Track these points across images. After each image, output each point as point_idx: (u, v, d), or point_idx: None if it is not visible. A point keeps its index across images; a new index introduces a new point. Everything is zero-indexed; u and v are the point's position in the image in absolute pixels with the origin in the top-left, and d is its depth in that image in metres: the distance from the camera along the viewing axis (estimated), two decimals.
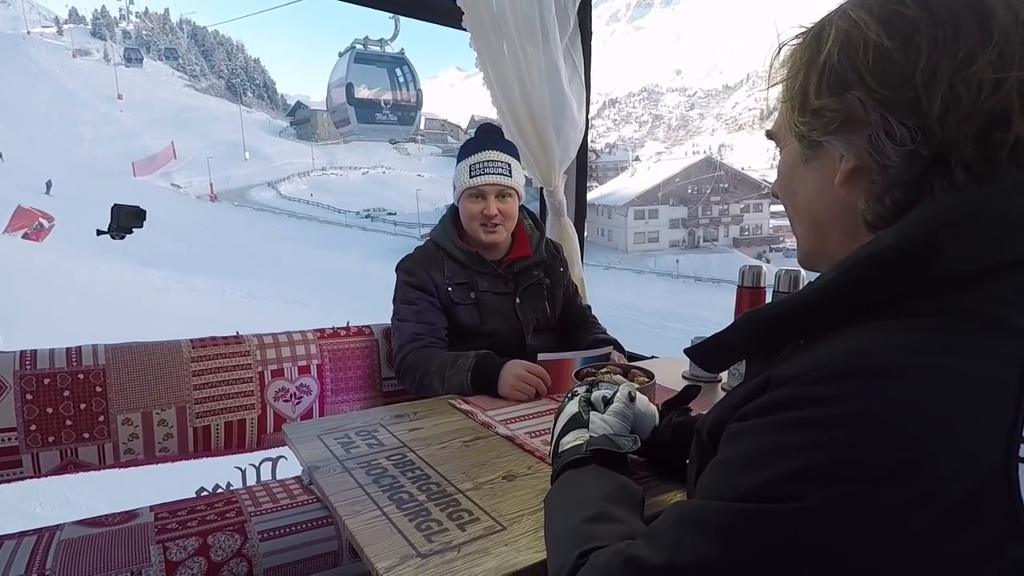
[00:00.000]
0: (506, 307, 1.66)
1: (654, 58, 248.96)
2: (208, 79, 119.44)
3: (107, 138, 64.83)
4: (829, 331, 0.50)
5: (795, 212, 0.62)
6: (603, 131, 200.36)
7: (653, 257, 46.28)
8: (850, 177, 0.53)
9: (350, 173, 72.52)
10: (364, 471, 0.97)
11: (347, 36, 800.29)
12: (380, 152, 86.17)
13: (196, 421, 1.53)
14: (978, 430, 0.40)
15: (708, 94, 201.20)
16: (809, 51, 0.54)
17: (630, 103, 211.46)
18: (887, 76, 0.48)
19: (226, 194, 55.35)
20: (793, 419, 0.44)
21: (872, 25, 0.49)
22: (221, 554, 1.31)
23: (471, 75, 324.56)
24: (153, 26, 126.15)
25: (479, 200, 1.60)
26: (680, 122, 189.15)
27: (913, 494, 0.39)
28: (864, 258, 0.49)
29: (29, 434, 1.37)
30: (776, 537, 0.42)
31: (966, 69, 0.45)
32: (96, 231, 1.60)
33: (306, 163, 72.21)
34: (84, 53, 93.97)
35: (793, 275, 1.31)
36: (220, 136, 74.32)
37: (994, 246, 0.46)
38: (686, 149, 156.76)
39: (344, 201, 56.61)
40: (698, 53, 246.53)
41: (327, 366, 1.70)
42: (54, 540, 1.31)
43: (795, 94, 0.55)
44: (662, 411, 0.94)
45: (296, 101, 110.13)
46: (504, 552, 0.74)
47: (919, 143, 0.47)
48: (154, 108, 79.54)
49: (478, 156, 1.61)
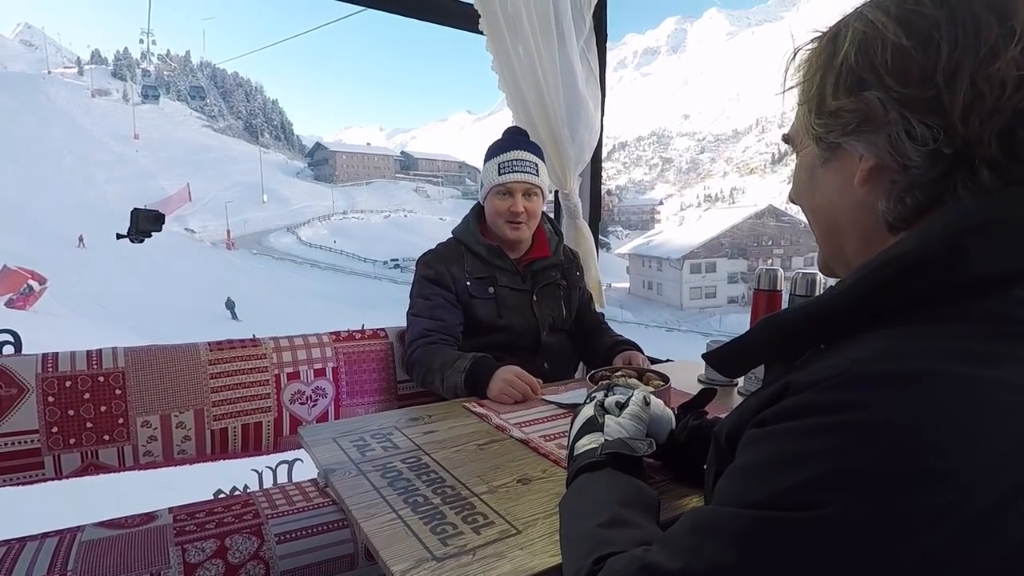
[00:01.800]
0: (523, 303, 1.69)
1: (662, 103, 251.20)
2: (226, 119, 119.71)
3: (121, 179, 64.97)
4: (850, 336, 0.49)
5: (813, 215, 0.62)
6: (613, 174, 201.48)
7: (717, 316, 42.49)
8: (870, 177, 0.52)
9: (372, 217, 71.69)
10: (379, 474, 0.97)
11: (358, 73, 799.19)
12: (400, 195, 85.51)
13: (213, 424, 1.54)
14: (1004, 438, 0.39)
15: (718, 138, 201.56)
16: (825, 53, 0.54)
17: (639, 146, 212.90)
18: (906, 75, 0.47)
19: (244, 240, 54.26)
20: (812, 426, 0.43)
21: (890, 25, 0.48)
22: (238, 556, 1.31)
23: (480, 118, 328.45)
24: (175, 66, 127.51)
25: (507, 197, 1.64)
26: (690, 165, 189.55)
27: (936, 504, 0.38)
28: (887, 262, 0.48)
29: (51, 436, 1.39)
30: (793, 545, 0.41)
31: (989, 66, 0.44)
32: (116, 235, 1.62)
33: (326, 206, 71.00)
34: (103, 93, 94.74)
35: (810, 278, 1.30)
36: (237, 177, 73.33)
37: (1019, 251, 0.45)
38: (697, 192, 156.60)
39: (368, 248, 53.95)
40: (705, 98, 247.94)
41: (342, 369, 1.71)
42: (75, 541, 1.33)
43: (812, 96, 0.55)
44: (678, 415, 0.94)
45: (315, 142, 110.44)
46: (519, 556, 0.74)
47: (941, 142, 0.46)
48: (170, 147, 78.94)
49: (507, 155, 1.64)
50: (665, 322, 39.53)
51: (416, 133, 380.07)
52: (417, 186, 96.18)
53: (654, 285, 46.69)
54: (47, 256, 29.27)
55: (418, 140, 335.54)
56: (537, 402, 1.36)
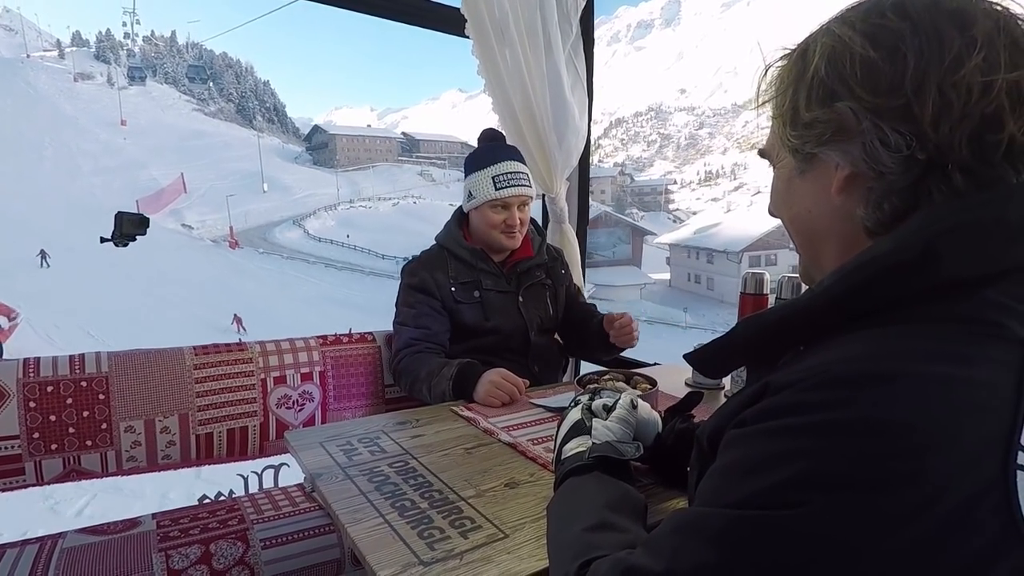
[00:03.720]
0: (510, 305, 1.70)
1: (657, 77, 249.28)
2: (217, 102, 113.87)
3: (109, 169, 59.20)
4: (828, 337, 0.50)
5: (792, 225, 0.63)
6: (610, 151, 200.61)
7: None
8: (846, 185, 0.54)
9: (380, 205, 67.14)
10: (366, 478, 0.97)
11: (350, 51, 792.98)
12: (405, 179, 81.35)
13: (198, 428, 1.53)
14: (976, 438, 0.40)
15: (717, 113, 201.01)
16: (796, 69, 0.55)
17: (637, 122, 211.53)
18: (876, 85, 0.49)
19: (247, 235, 48.06)
20: (791, 425, 0.44)
21: (856, 39, 0.50)
22: (223, 562, 1.30)
23: (472, 96, 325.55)
24: (161, 45, 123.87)
25: (503, 211, 1.66)
26: (689, 141, 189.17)
27: (911, 501, 0.39)
28: (863, 264, 0.49)
29: (32, 442, 1.37)
30: (773, 544, 0.42)
31: (954, 74, 0.46)
32: (100, 238, 1.60)
33: (330, 194, 66.75)
34: (86, 77, 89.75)
35: (796, 282, 1.31)
36: (234, 164, 68.34)
37: (992, 253, 0.46)
38: (697, 168, 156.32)
39: (380, 240, 48.14)
40: (702, 72, 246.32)
41: (329, 373, 1.70)
42: (56, 548, 1.31)
43: (786, 110, 0.57)
44: (665, 418, 0.94)
45: (314, 125, 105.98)
46: (506, 560, 0.74)
47: (914, 148, 0.48)
48: (160, 134, 73.72)
49: (500, 167, 1.65)
50: (727, 324, 36.42)
51: (408, 112, 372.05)
52: (422, 169, 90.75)
53: (703, 279, 40.41)
54: (23, 270, 26.36)
55: (410, 120, 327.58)
56: (525, 406, 1.36)
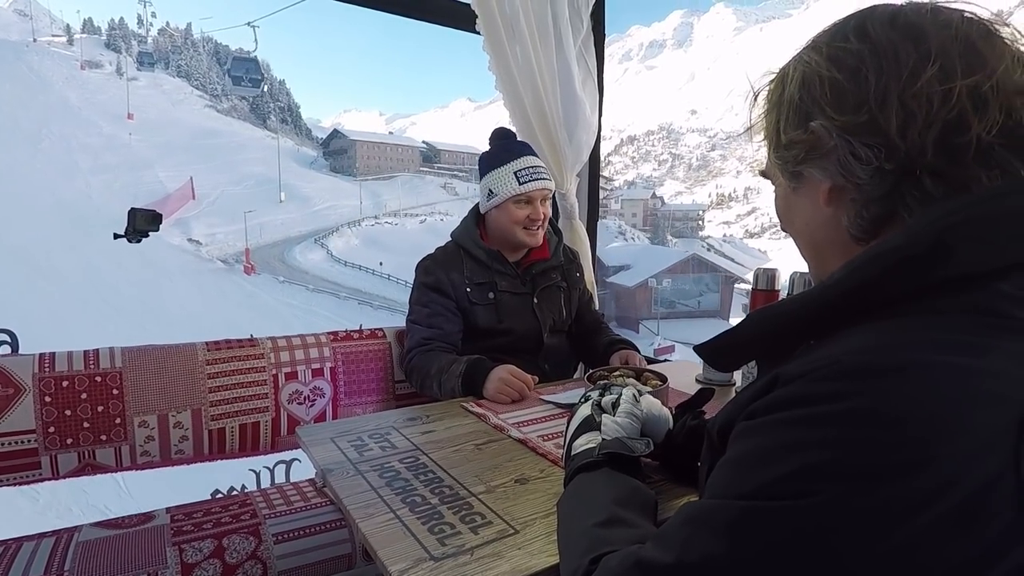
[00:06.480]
0: (524, 307, 1.69)
1: (668, 98, 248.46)
2: (230, 99, 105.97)
3: (110, 167, 51.30)
4: (838, 329, 0.50)
5: (797, 238, 0.65)
6: (621, 168, 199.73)
7: None
8: (831, 198, 0.56)
9: (406, 222, 61.75)
10: (377, 474, 0.97)
11: (359, 53, 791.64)
12: (428, 191, 77.09)
13: (211, 423, 1.54)
14: (987, 429, 0.40)
15: (730, 135, 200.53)
16: (776, 93, 0.60)
17: (648, 141, 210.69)
18: (843, 104, 0.52)
19: (263, 254, 40.67)
20: (801, 416, 0.44)
21: (823, 63, 0.54)
22: (236, 556, 1.31)
23: (481, 106, 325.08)
24: (175, 36, 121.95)
25: (526, 205, 1.65)
26: (701, 162, 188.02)
27: (921, 491, 0.39)
28: (874, 257, 0.49)
29: (48, 436, 1.38)
30: (782, 534, 0.42)
31: (912, 86, 0.49)
32: (113, 235, 1.61)
33: (352, 206, 60.65)
34: (94, 65, 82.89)
35: (807, 278, 1.30)
36: (247, 168, 61.68)
37: (1003, 246, 0.46)
38: (709, 191, 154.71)
39: (410, 266, 36.12)
40: (713, 94, 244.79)
41: (340, 369, 1.71)
42: (72, 542, 1.32)
43: (770, 133, 0.61)
44: (676, 414, 0.94)
45: (333, 129, 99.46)
46: (517, 556, 0.74)
47: (883, 159, 0.50)
48: (169, 130, 67.00)
49: (521, 163, 1.65)
50: None
51: (416, 119, 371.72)
52: (445, 182, 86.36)
53: None
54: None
55: (418, 126, 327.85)
56: (535, 402, 1.36)
